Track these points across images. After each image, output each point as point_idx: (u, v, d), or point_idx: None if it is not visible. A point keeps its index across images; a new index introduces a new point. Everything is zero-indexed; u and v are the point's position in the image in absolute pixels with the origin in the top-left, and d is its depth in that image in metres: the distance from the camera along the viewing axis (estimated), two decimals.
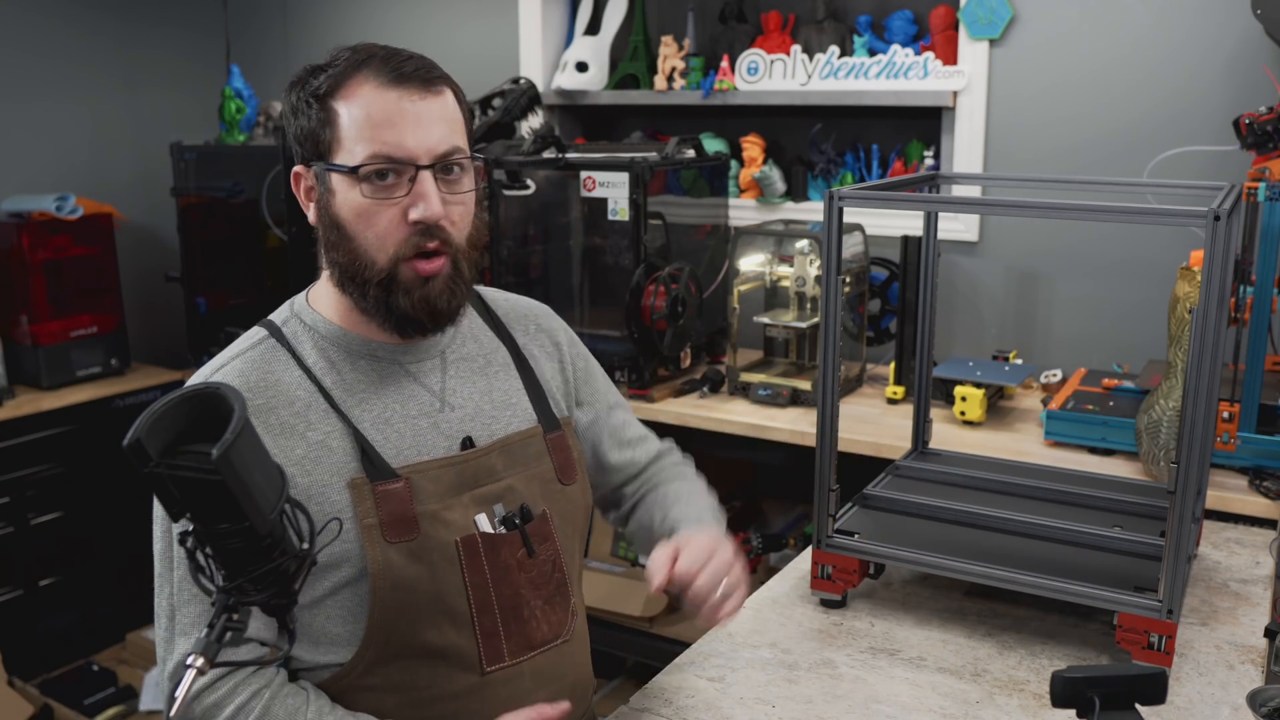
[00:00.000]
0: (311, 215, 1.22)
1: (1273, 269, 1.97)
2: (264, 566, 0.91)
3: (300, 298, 1.29)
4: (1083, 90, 2.64)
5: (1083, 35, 2.62)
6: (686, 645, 1.54)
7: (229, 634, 0.91)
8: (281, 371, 1.21)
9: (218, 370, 1.21)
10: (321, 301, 1.27)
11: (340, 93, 1.16)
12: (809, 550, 1.63)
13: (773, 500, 3.17)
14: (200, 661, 0.88)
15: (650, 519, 1.44)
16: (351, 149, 1.15)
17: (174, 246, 3.60)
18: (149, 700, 3.17)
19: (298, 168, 1.22)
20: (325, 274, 1.24)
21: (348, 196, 1.16)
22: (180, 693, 0.87)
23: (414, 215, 1.16)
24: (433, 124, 1.16)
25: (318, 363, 1.22)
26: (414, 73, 1.16)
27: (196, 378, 1.19)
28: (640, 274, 2.61)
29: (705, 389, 2.70)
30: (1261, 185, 1.95)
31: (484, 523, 1.24)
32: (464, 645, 1.21)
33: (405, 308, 1.19)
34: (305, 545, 0.95)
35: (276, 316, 1.28)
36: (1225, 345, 1.76)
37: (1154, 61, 2.56)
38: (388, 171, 1.15)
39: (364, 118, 1.14)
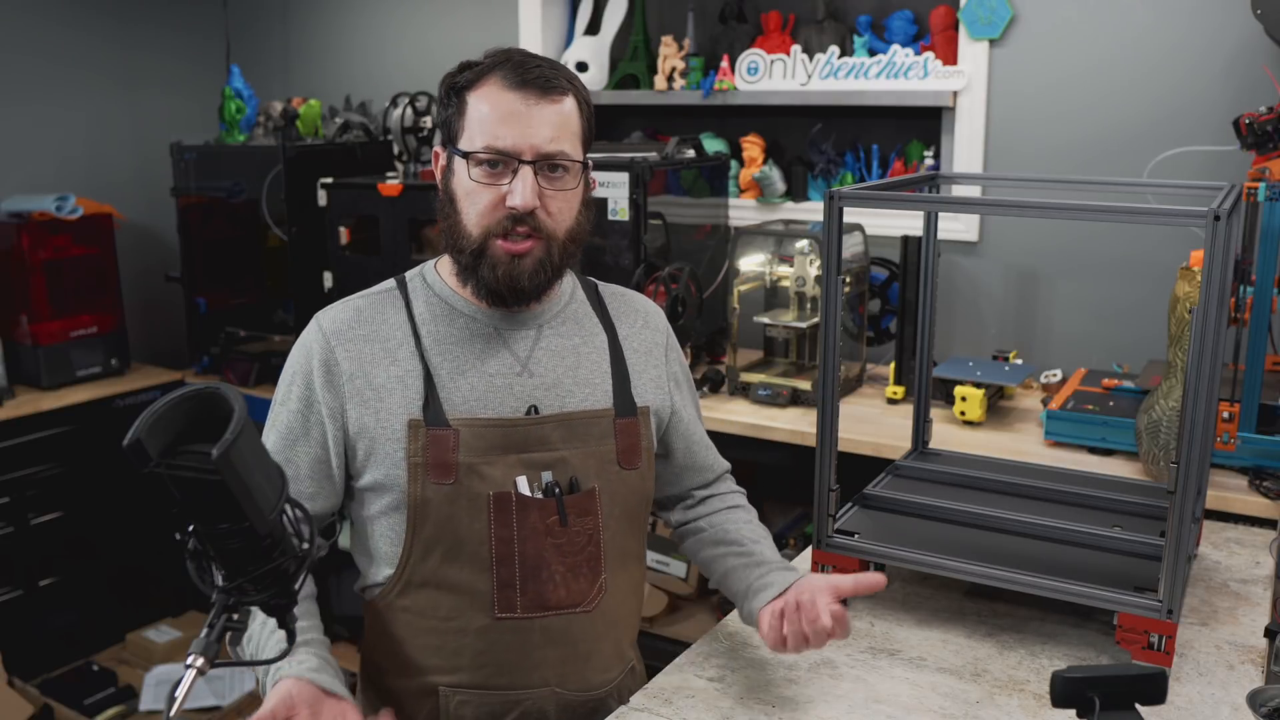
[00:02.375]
0: (441, 189, 1.40)
1: (1273, 269, 1.97)
2: (264, 566, 0.91)
3: (431, 261, 1.46)
4: (1083, 90, 2.64)
5: (1083, 35, 2.62)
6: (686, 645, 1.54)
7: (229, 634, 0.91)
8: (391, 314, 1.40)
9: (346, 302, 1.42)
10: (445, 267, 1.43)
11: (474, 89, 1.33)
12: (809, 550, 1.63)
13: (773, 500, 3.17)
14: (200, 661, 0.88)
15: (727, 540, 1.50)
16: (471, 137, 1.32)
17: (174, 246, 3.60)
18: (149, 700, 3.17)
19: (436, 148, 1.41)
20: None
21: (461, 177, 1.34)
22: (180, 693, 0.87)
23: (509, 203, 1.31)
24: (543, 126, 1.31)
25: (422, 313, 1.40)
26: (536, 79, 1.32)
27: (326, 307, 1.41)
28: (640, 274, 2.61)
29: (705, 389, 2.70)
30: (1261, 185, 1.95)
31: (524, 485, 1.34)
32: (481, 588, 1.33)
33: (490, 279, 1.34)
34: (305, 545, 0.95)
35: (409, 272, 1.46)
36: (1225, 345, 1.76)
37: (1154, 61, 2.56)
38: (497, 162, 1.31)
39: (486, 113, 1.31)
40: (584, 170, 1.37)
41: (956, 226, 2.82)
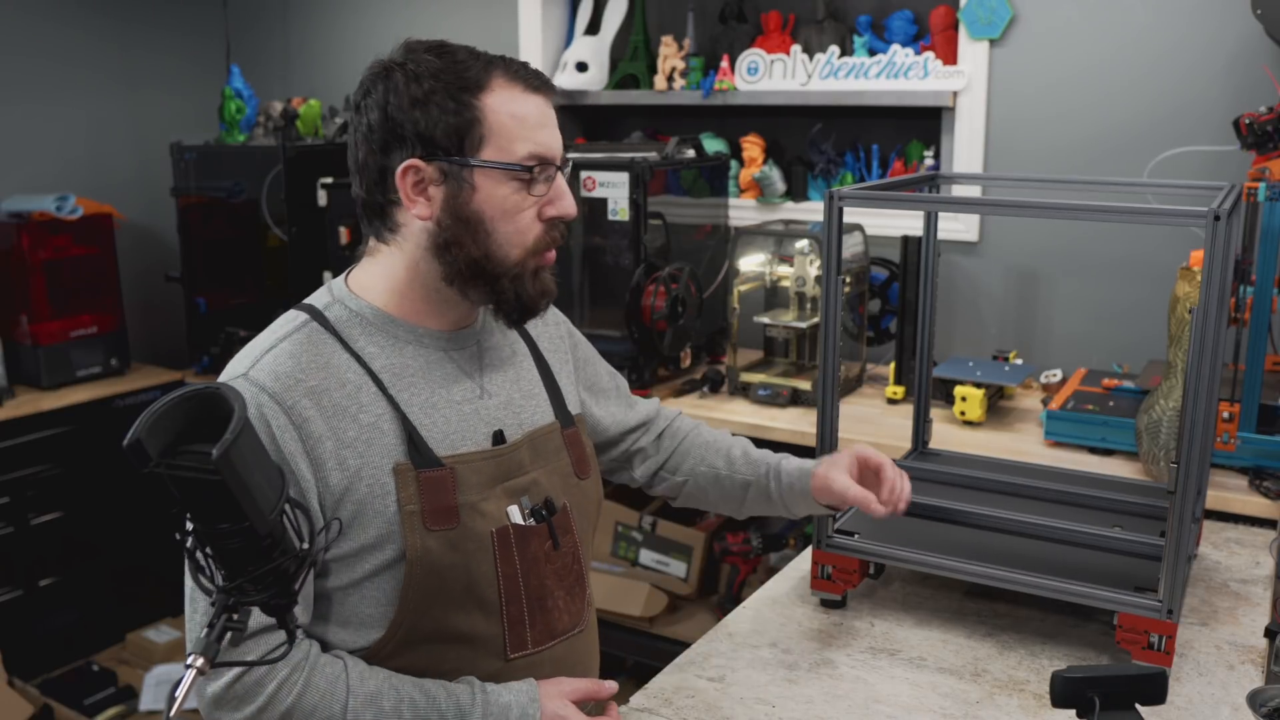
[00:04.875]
0: (423, 210, 1.19)
1: (1273, 269, 1.97)
2: (264, 566, 0.91)
3: (339, 283, 1.27)
4: (1083, 90, 2.64)
5: (1083, 35, 2.62)
6: (686, 645, 1.54)
7: (229, 634, 0.91)
8: (330, 354, 1.20)
9: (266, 352, 1.18)
10: (367, 288, 1.25)
11: (486, 91, 1.18)
12: (809, 550, 1.63)
13: None
14: (200, 661, 0.88)
15: (714, 463, 1.52)
16: (508, 147, 1.18)
17: (174, 246, 3.60)
18: (149, 700, 3.17)
19: (414, 161, 1.17)
20: (369, 261, 1.25)
21: (494, 192, 1.18)
22: (180, 693, 0.87)
23: (553, 212, 1.21)
24: (558, 129, 1.24)
25: (366, 347, 1.22)
26: (545, 81, 1.23)
27: (236, 362, 1.19)
28: (640, 274, 2.61)
29: (705, 389, 2.70)
30: (1261, 185, 1.95)
31: (516, 514, 1.26)
32: (491, 632, 1.24)
33: (532, 296, 1.24)
34: (305, 545, 0.95)
35: (316, 301, 1.26)
36: (1225, 345, 1.76)
37: (1154, 61, 2.56)
38: (536, 171, 1.20)
39: (522, 118, 1.19)
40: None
41: (956, 226, 2.82)
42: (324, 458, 1.15)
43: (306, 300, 1.26)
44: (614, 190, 2.62)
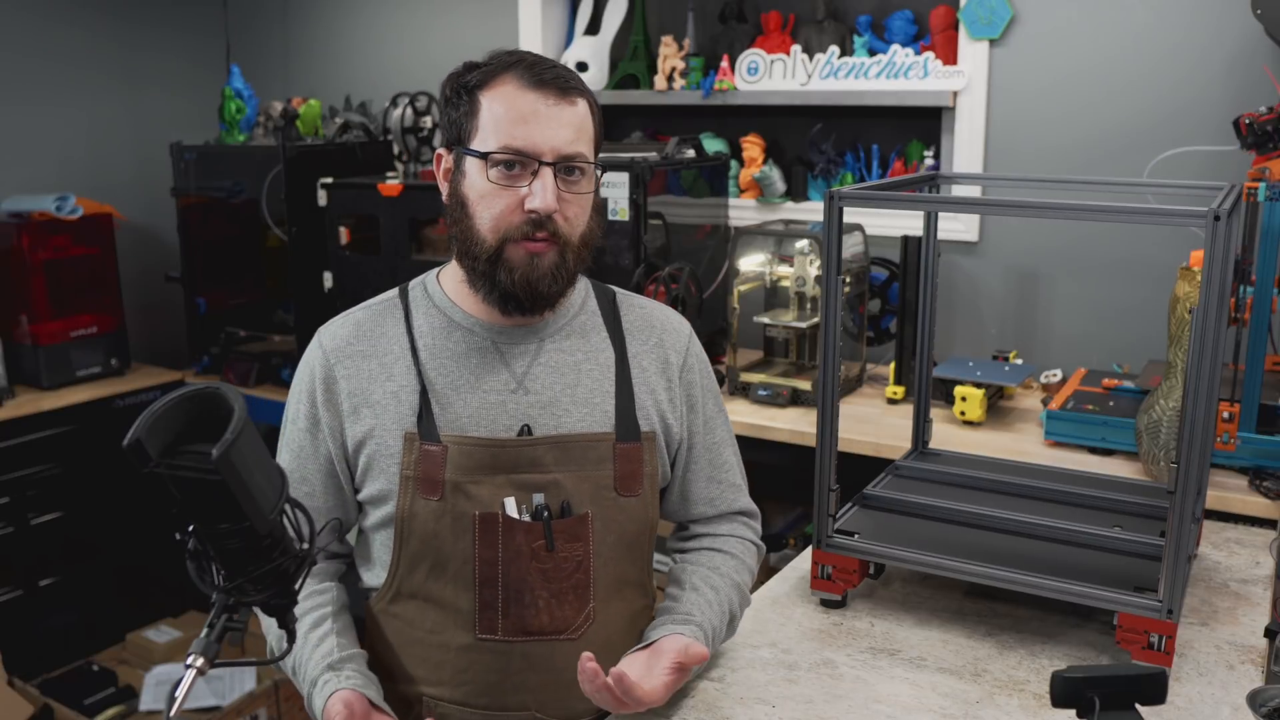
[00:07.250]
0: (445, 193, 1.37)
1: (1273, 269, 1.97)
2: (264, 566, 0.91)
3: (434, 270, 1.44)
4: (1083, 90, 2.64)
5: (1083, 35, 2.62)
6: None
7: (229, 634, 0.91)
8: (390, 327, 1.39)
9: (347, 316, 1.41)
10: (447, 277, 1.42)
11: (487, 88, 1.30)
12: (809, 550, 1.63)
13: (773, 500, 3.17)
14: (200, 662, 0.88)
15: (681, 580, 1.43)
16: (486, 138, 1.29)
17: (174, 246, 3.60)
18: (149, 700, 3.18)
19: (440, 150, 1.37)
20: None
21: (475, 179, 1.30)
22: (180, 693, 0.87)
23: (529, 205, 1.28)
24: (561, 127, 1.29)
25: (420, 326, 1.38)
26: (553, 80, 1.29)
27: (328, 325, 1.41)
28: (640, 274, 2.61)
29: None
30: (1261, 185, 1.95)
31: (511, 506, 1.32)
32: (464, 606, 1.33)
33: (507, 284, 1.31)
34: (305, 545, 0.95)
35: (414, 280, 1.44)
36: (1225, 345, 1.76)
37: (1154, 61, 2.56)
38: (514, 163, 1.28)
39: (502, 113, 1.28)
40: (597, 174, 1.35)
41: (956, 226, 2.82)
42: (348, 410, 1.35)
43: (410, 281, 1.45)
44: (614, 190, 2.62)
